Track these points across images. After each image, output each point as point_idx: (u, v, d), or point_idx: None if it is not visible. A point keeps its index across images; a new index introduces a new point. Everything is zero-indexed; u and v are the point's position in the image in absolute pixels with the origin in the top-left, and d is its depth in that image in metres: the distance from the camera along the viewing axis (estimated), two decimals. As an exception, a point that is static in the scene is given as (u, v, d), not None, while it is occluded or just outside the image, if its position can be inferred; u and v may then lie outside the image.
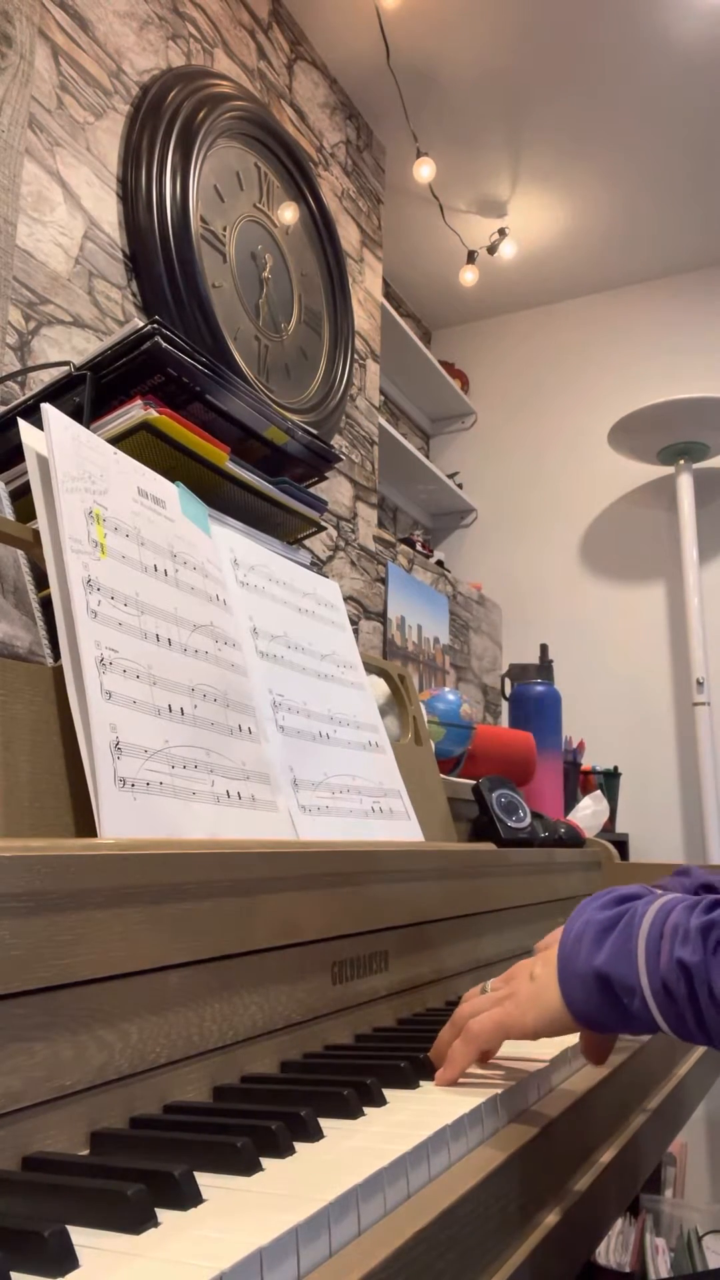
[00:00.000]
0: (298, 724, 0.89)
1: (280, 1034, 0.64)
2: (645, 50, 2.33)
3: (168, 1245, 0.37)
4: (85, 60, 1.56)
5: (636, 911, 0.57)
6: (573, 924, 0.60)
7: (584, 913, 0.60)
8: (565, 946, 0.59)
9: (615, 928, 0.57)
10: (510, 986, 0.63)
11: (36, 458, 0.74)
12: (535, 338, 3.45)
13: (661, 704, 3.03)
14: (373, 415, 2.48)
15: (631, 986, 0.54)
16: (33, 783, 0.62)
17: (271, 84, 2.12)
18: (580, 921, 0.59)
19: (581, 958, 0.57)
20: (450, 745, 1.50)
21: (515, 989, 0.62)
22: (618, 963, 0.55)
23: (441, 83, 2.45)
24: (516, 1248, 0.52)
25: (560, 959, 0.59)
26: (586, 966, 0.56)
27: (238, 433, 1.05)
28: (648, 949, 0.54)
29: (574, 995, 0.57)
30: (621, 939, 0.56)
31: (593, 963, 0.56)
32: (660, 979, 0.53)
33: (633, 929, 0.56)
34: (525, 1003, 0.60)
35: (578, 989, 0.57)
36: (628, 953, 0.55)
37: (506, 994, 0.62)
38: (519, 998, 0.61)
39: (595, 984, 0.56)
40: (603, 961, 0.56)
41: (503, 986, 0.64)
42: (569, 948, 0.58)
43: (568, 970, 0.58)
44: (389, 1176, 0.45)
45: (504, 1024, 0.60)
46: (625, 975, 0.55)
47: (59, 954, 0.47)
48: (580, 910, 0.60)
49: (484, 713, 2.98)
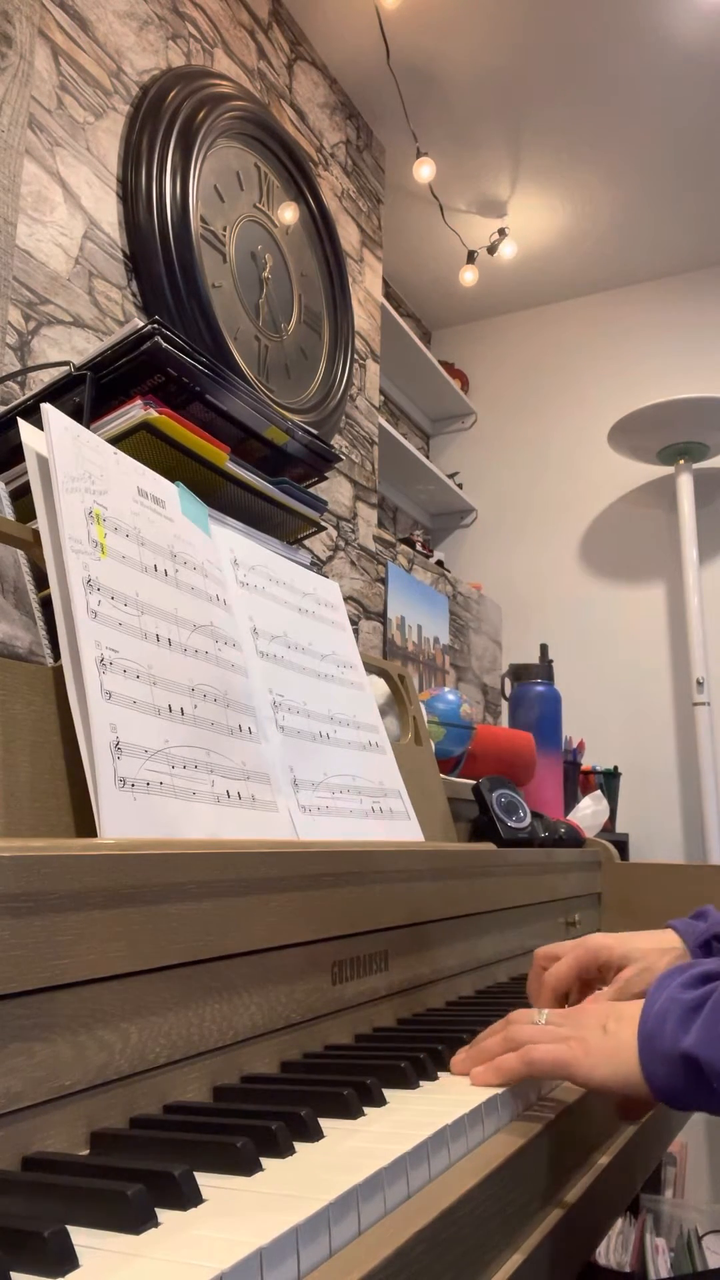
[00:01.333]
0: (298, 724, 0.89)
1: (280, 1034, 0.64)
2: (645, 50, 2.33)
3: (168, 1245, 0.37)
4: (85, 60, 1.56)
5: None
6: (655, 998, 0.59)
7: (666, 988, 0.59)
8: (648, 1023, 0.58)
9: (703, 1008, 0.57)
10: (576, 1029, 0.61)
11: (36, 458, 0.74)
12: (535, 338, 3.45)
13: (661, 704, 3.03)
14: (373, 415, 2.48)
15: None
16: (33, 783, 0.62)
17: (271, 84, 2.12)
18: (664, 998, 0.59)
19: (667, 1038, 0.57)
20: (450, 745, 1.50)
21: (584, 1035, 0.60)
22: (707, 1046, 0.55)
23: (441, 83, 2.45)
24: (516, 1248, 0.52)
25: (643, 1035, 0.58)
26: (673, 1047, 0.56)
27: (238, 433, 1.05)
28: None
29: (657, 1074, 0.57)
30: (711, 1020, 0.56)
31: (679, 1044, 0.56)
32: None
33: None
34: (596, 1056, 0.59)
35: (661, 1068, 0.56)
36: (717, 1037, 0.55)
37: (573, 1036, 0.61)
38: (589, 1046, 0.60)
39: (682, 1066, 0.56)
40: (691, 1043, 0.55)
41: (564, 1023, 0.63)
42: (652, 1025, 0.58)
43: (651, 1048, 0.57)
44: (389, 1176, 0.45)
45: (569, 1066, 0.59)
46: (716, 1059, 0.54)
47: (59, 954, 0.47)
48: (661, 984, 0.60)
49: (484, 713, 2.98)
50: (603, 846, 1.54)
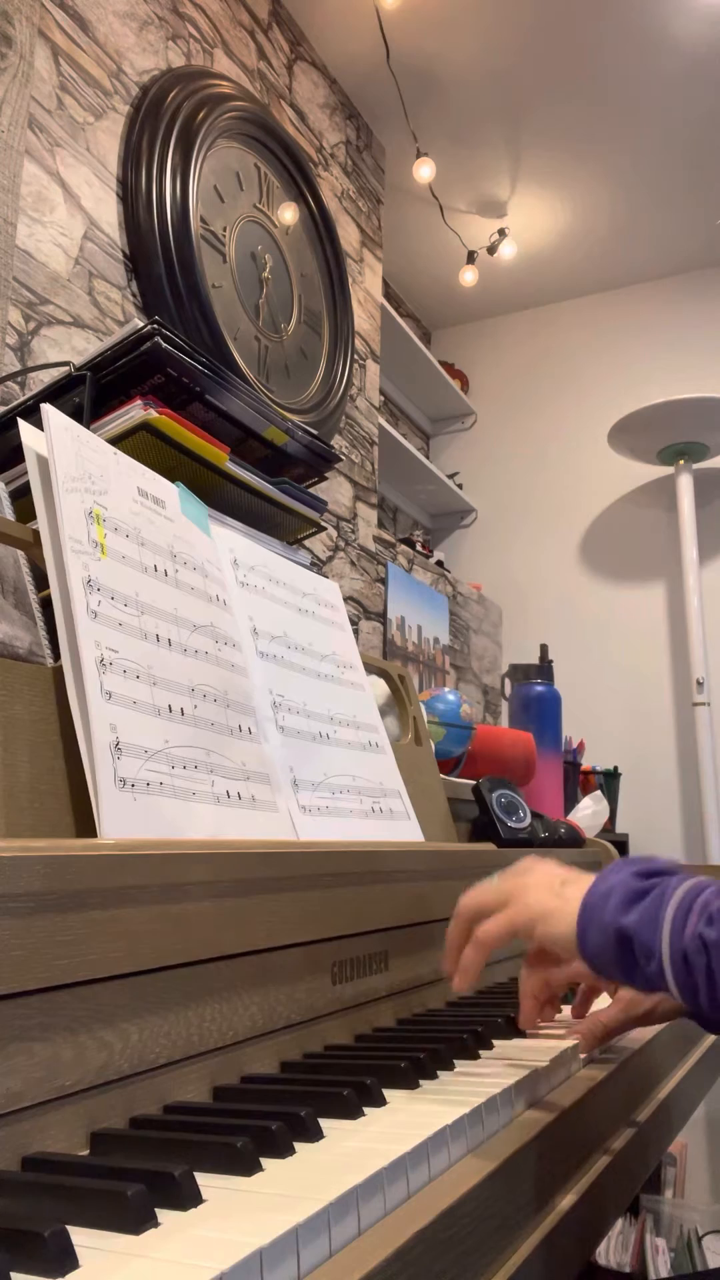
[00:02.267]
0: (298, 724, 0.89)
1: (280, 1034, 0.64)
2: (645, 50, 2.33)
3: (168, 1245, 0.37)
4: (85, 60, 1.56)
5: (669, 884, 0.61)
6: (606, 877, 0.63)
7: (618, 872, 0.63)
8: (594, 895, 0.62)
9: (646, 895, 0.60)
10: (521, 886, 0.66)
11: (36, 458, 0.74)
12: (535, 338, 3.45)
13: (661, 704, 3.03)
14: (373, 415, 2.48)
15: (652, 950, 0.58)
16: (33, 783, 0.62)
17: (271, 84, 2.12)
18: (614, 879, 0.62)
19: (608, 912, 0.61)
20: (450, 745, 1.50)
21: (528, 894, 0.65)
22: (642, 926, 0.59)
23: (441, 83, 2.45)
24: (516, 1248, 0.52)
25: (585, 906, 0.62)
26: (611, 921, 0.60)
27: (237, 433, 1.05)
28: (674, 920, 0.58)
29: (590, 940, 0.61)
30: (651, 906, 0.59)
31: (619, 919, 0.60)
32: (681, 950, 0.57)
33: (664, 899, 0.59)
34: (538, 913, 0.64)
35: (595, 936, 0.61)
36: (654, 919, 0.59)
37: (516, 892, 0.66)
38: (531, 905, 0.65)
39: (615, 939, 0.60)
40: (629, 921, 0.59)
41: (511, 880, 0.68)
42: (596, 899, 0.62)
43: (589, 918, 0.61)
44: (389, 1176, 0.45)
45: (513, 928, 0.65)
46: (648, 939, 0.58)
47: (59, 954, 0.47)
48: (615, 869, 0.64)
49: (484, 713, 2.98)
50: (603, 847, 1.54)
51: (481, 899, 0.69)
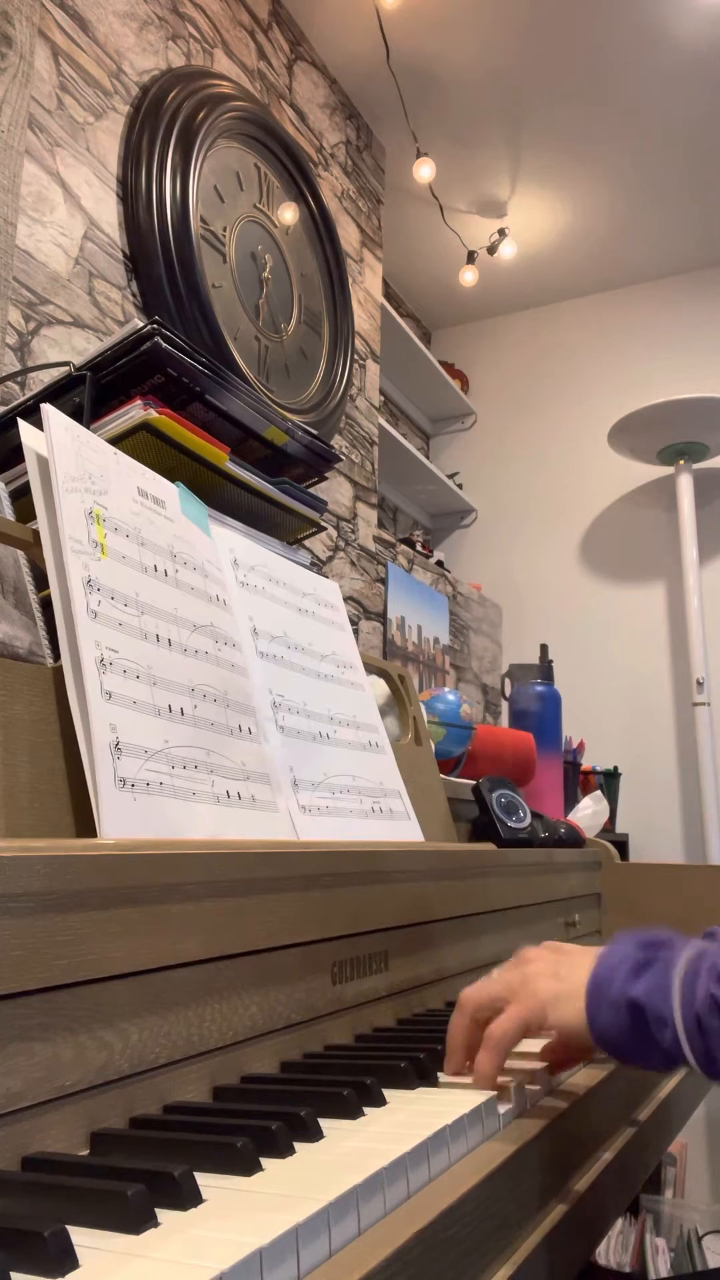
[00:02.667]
0: (298, 724, 0.89)
1: (280, 1034, 0.64)
2: (645, 50, 2.33)
3: (168, 1245, 0.37)
4: (85, 60, 1.56)
5: (675, 950, 0.60)
6: (608, 955, 0.62)
7: (621, 947, 0.62)
8: (600, 973, 0.61)
9: (653, 964, 0.59)
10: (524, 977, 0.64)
11: (36, 458, 0.74)
12: (535, 338, 3.45)
13: (661, 704, 3.03)
14: (373, 415, 2.48)
15: (665, 1019, 0.57)
16: (33, 783, 0.62)
17: (271, 84, 2.12)
18: (618, 953, 0.61)
19: (616, 985, 0.59)
20: (450, 745, 1.50)
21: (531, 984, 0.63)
22: (653, 995, 0.58)
23: (441, 83, 2.45)
24: (517, 1247, 0.52)
25: (593, 983, 0.60)
26: (620, 994, 0.59)
27: (237, 433, 1.05)
28: (684, 985, 0.57)
29: (602, 1020, 0.59)
30: (659, 973, 0.58)
31: (628, 991, 0.58)
32: (694, 1014, 0.56)
33: (669, 965, 0.59)
34: (546, 1000, 0.62)
35: (607, 1015, 0.59)
36: (663, 987, 0.58)
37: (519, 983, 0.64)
38: (538, 993, 0.62)
39: (627, 1012, 0.58)
40: (638, 992, 0.58)
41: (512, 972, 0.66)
42: (604, 974, 0.60)
43: (599, 995, 0.60)
44: (389, 1176, 0.45)
45: (525, 1022, 0.62)
46: (659, 1008, 0.57)
47: (59, 954, 0.47)
48: (617, 943, 0.63)
49: (484, 713, 2.98)
50: (603, 847, 1.54)
51: (487, 993, 0.66)
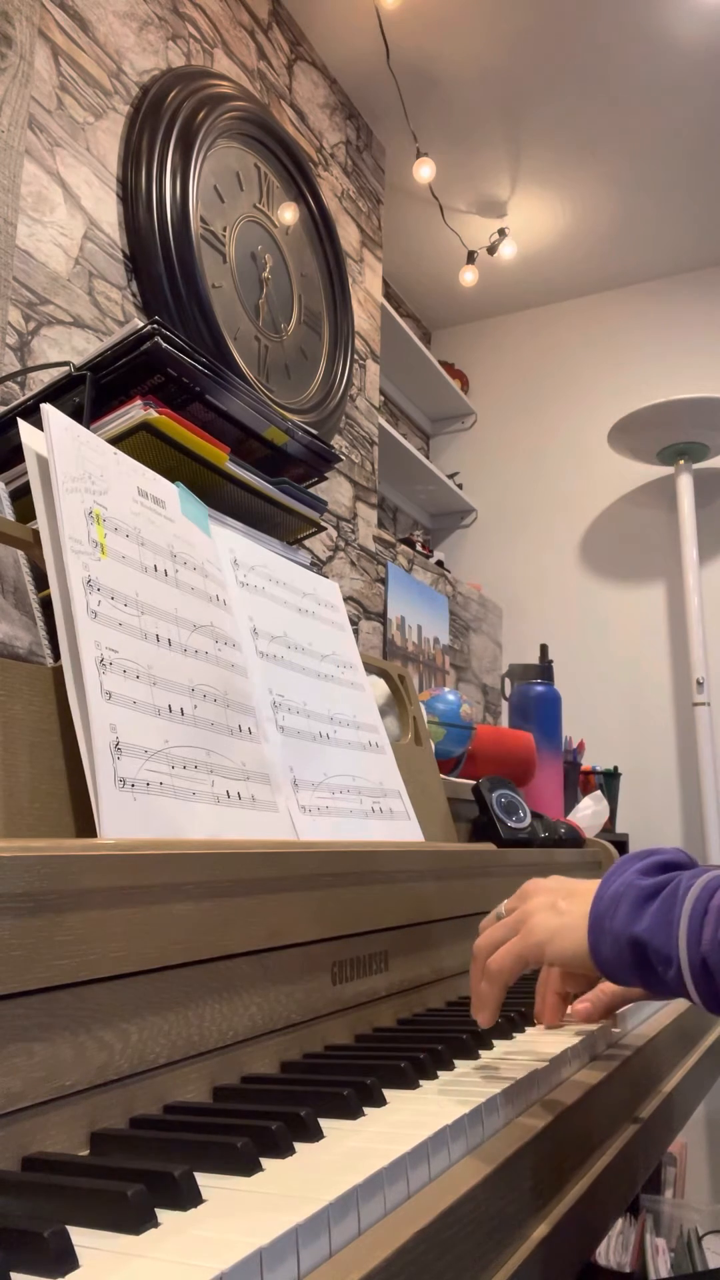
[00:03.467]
0: (298, 724, 0.89)
1: (280, 1034, 0.64)
2: (645, 50, 2.33)
3: (168, 1245, 0.37)
4: (85, 60, 1.56)
5: (681, 883, 0.58)
6: (610, 881, 0.61)
7: (623, 872, 0.60)
8: (601, 903, 0.60)
9: (657, 896, 0.58)
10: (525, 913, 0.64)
11: (36, 458, 0.74)
12: (535, 338, 3.45)
13: (661, 704, 3.03)
14: (373, 415, 2.48)
15: (669, 957, 0.55)
16: (33, 783, 0.62)
17: (271, 84, 2.12)
18: (619, 882, 0.60)
19: (619, 920, 0.58)
20: (450, 745, 1.50)
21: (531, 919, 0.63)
22: (657, 933, 0.56)
23: (441, 83, 2.45)
24: (516, 1248, 0.52)
25: (594, 914, 0.60)
26: (623, 929, 0.57)
27: (237, 433, 1.05)
28: (690, 924, 0.55)
29: (603, 952, 0.58)
30: (664, 909, 0.57)
31: (631, 928, 0.57)
32: (700, 956, 0.54)
33: (676, 901, 0.57)
34: (544, 935, 0.62)
35: (608, 947, 0.58)
36: (668, 924, 0.56)
37: (521, 920, 0.64)
38: (536, 929, 0.62)
39: (629, 948, 0.57)
40: (642, 929, 0.57)
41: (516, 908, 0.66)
42: (605, 905, 0.59)
43: (600, 927, 0.59)
44: (389, 1176, 0.45)
45: (522, 956, 0.63)
46: (664, 946, 0.56)
47: (59, 954, 0.47)
48: (619, 868, 0.61)
49: (484, 713, 2.98)
50: (603, 847, 1.54)
51: (491, 935, 0.66)
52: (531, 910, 0.64)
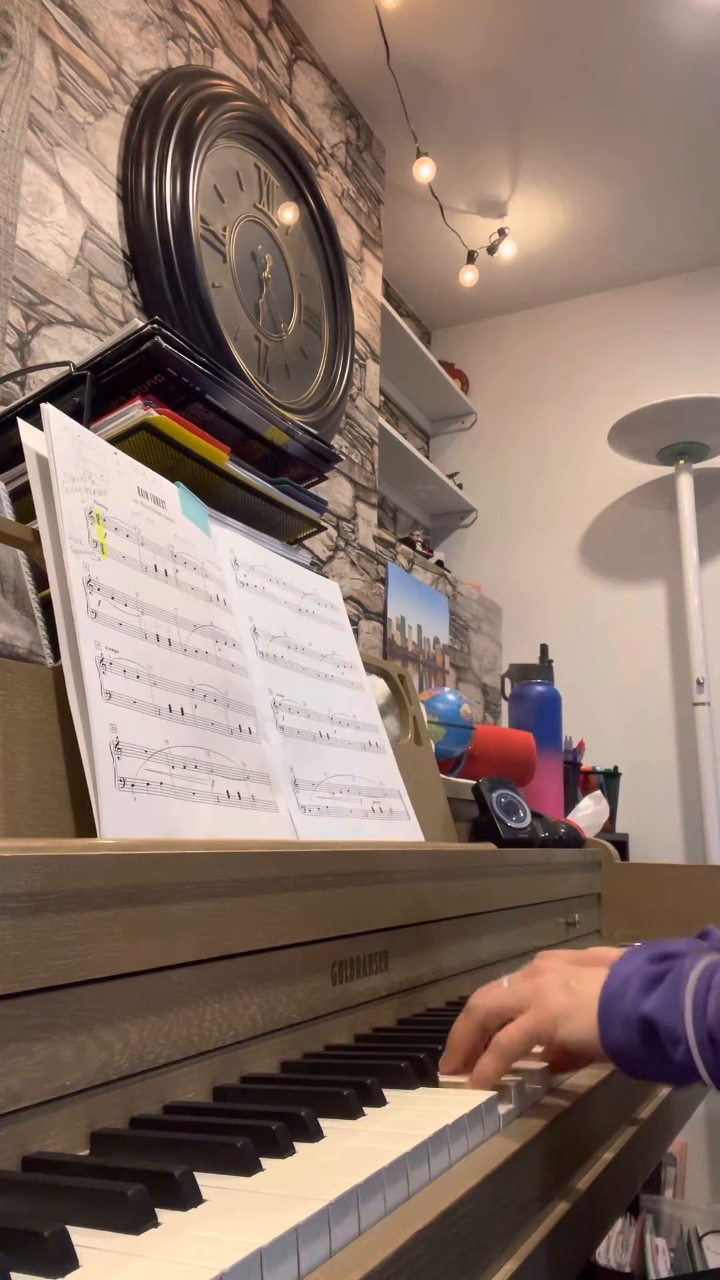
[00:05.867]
0: (298, 724, 0.89)
1: (280, 1034, 0.64)
2: (645, 50, 2.33)
3: (168, 1245, 0.37)
4: (85, 60, 1.56)
5: (685, 965, 0.59)
6: (621, 967, 0.62)
7: (632, 960, 0.62)
8: (611, 986, 0.60)
9: (664, 979, 0.59)
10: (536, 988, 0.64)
11: (36, 458, 0.74)
12: (535, 338, 3.45)
13: (661, 704, 3.03)
14: (373, 415, 2.48)
15: (677, 1035, 0.56)
16: (33, 783, 0.62)
17: (271, 84, 2.12)
18: (629, 967, 0.61)
19: (628, 1001, 0.59)
20: (450, 745, 1.50)
21: (543, 995, 0.63)
22: (664, 1012, 0.57)
23: (441, 83, 2.45)
24: (517, 1247, 0.52)
25: (605, 998, 0.60)
26: (632, 1010, 0.59)
27: (237, 433, 1.05)
28: (694, 1000, 0.57)
29: (613, 1035, 0.59)
30: (670, 989, 0.58)
31: (639, 1007, 0.58)
32: (706, 1029, 0.56)
33: (680, 980, 0.58)
34: (558, 1014, 0.62)
35: (618, 1029, 0.59)
36: (675, 1003, 0.57)
37: (531, 995, 0.63)
38: (549, 1007, 0.62)
39: (638, 1028, 0.58)
40: (650, 1008, 0.58)
41: (524, 983, 0.65)
42: (615, 988, 0.60)
43: (611, 1010, 0.60)
44: (389, 1176, 0.45)
45: (537, 1035, 0.62)
46: (671, 1024, 0.57)
47: (59, 954, 0.47)
48: (629, 957, 0.62)
49: (484, 713, 2.98)
50: (603, 847, 1.54)
51: (498, 1001, 0.65)
52: (544, 987, 0.64)
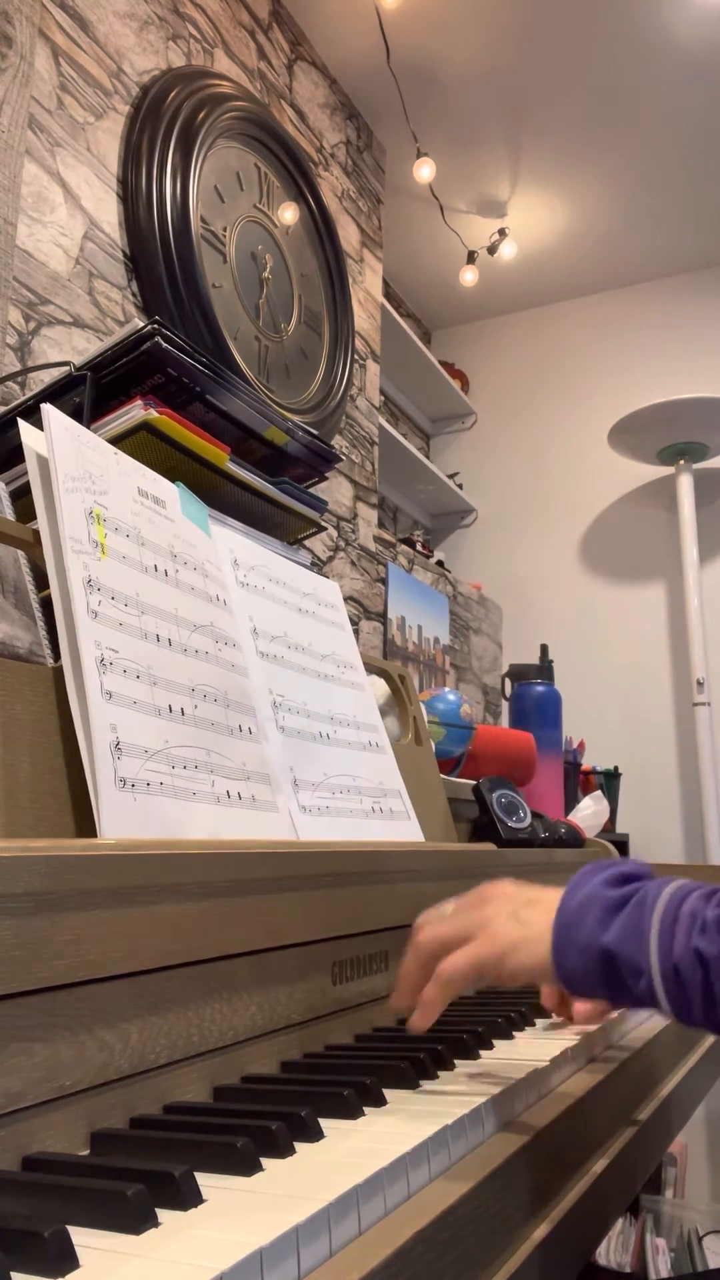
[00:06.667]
0: (298, 724, 0.89)
1: (280, 1034, 0.64)
2: (645, 50, 2.33)
3: (168, 1245, 0.37)
4: (85, 60, 1.56)
5: (648, 893, 0.57)
6: (575, 892, 0.59)
7: (587, 883, 0.59)
8: (567, 913, 0.58)
9: (625, 906, 0.56)
10: (483, 919, 0.61)
11: (36, 458, 0.74)
12: (535, 338, 3.45)
13: (661, 704, 3.03)
14: (373, 415, 2.48)
15: (640, 968, 0.54)
16: (33, 783, 0.62)
17: (271, 84, 2.12)
18: (584, 892, 0.58)
19: (586, 930, 0.56)
20: (450, 745, 1.50)
21: (491, 926, 0.60)
22: (625, 942, 0.55)
23: (441, 83, 2.45)
24: (517, 1248, 0.52)
25: (560, 925, 0.58)
26: (591, 940, 0.56)
27: (238, 433, 1.05)
28: (660, 933, 0.54)
29: (569, 963, 0.57)
30: (633, 919, 0.55)
31: (599, 938, 0.56)
32: (673, 964, 0.53)
33: (644, 910, 0.56)
34: (505, 945, 0.59)
35: (574, 958, 0.57)
36: (639, 934, 0.55)
37: (478, 925, 0.61)
38: (497, 937, 0.59)
39: (598, 959, 0.56)
40: (611, 939, 0.55)
41: (470, 912, 0.62)
42: (571, 915, 0.58)
43: (567, 938, 0.57)
44: (389, 1177, 0.45)
45: (482, 965, 0.59)
46: (634, 956, 0.54)
47: (59, 954, 0.47)
48: (583, 879, 0.59)
49: (484, 713, 2.98)
50: (603, 847, 1.54)
51: (442, 933, 0.62)
52: (491, 917, 0.61)
